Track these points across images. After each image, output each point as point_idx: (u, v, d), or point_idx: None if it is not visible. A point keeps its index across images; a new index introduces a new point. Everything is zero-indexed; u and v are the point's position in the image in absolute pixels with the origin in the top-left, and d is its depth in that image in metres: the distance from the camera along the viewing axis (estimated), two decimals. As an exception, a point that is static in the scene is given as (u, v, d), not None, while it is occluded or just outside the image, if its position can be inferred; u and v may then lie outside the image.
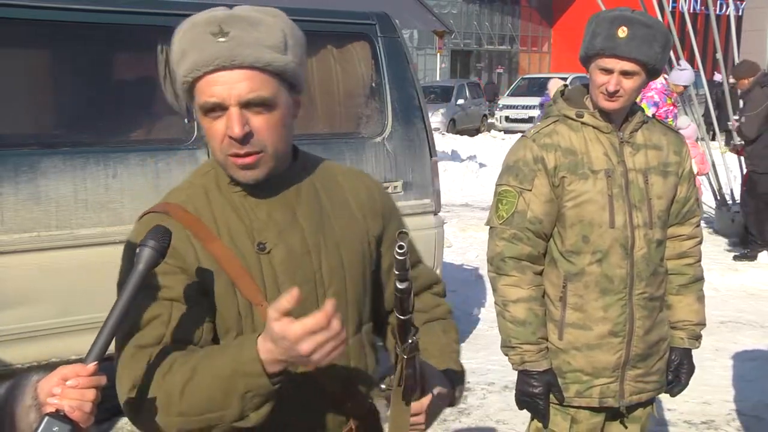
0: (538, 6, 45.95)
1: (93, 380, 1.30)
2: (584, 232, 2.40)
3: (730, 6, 10.06)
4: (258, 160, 1.48)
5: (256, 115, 1.46)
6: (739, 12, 15.57)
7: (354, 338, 1.61)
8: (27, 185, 3.69)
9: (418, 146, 4.98)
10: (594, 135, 2.42)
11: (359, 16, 4.88)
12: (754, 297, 7.14)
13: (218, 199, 1.56)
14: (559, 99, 2.52)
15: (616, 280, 2.41)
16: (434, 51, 34.32)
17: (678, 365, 2.60)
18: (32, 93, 4.13)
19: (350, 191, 1.65)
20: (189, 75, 1.46)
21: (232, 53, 1.42)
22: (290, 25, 1.51)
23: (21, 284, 3.69)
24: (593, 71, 2.37)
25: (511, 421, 4.40)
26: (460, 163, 14.78)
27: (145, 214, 1.61)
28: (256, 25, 1.45)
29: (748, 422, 4.49)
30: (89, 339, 1.42)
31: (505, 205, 2.45)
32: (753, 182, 8.23)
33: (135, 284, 1.36)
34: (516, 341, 2.44)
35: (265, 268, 1.52)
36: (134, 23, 4.07)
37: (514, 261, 2.42)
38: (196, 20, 1.46)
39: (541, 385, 2.45)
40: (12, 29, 3.80)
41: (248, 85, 1.43)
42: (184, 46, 1.46)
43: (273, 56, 1.45)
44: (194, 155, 4.13)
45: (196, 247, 1.50)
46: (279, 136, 1.50)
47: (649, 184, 2.43)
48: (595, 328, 2.44)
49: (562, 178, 2.39)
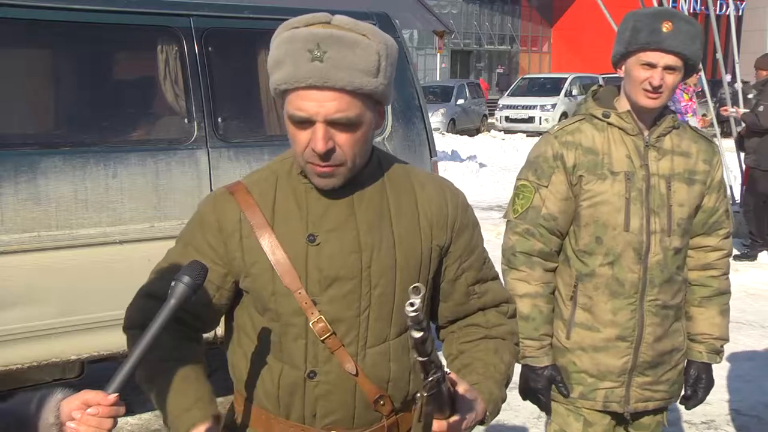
0: (538, 6, 45.95)
1: (112, 410, 1.35)
2: (598, 233, 2.38)
3: (730, 6, 10.05)
4: (336, 171, 1.55)
5: (341, 132, 1.52)
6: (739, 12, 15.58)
7: (396, 341, 1.64)
8: (27, 185, 3.69)
9: (418, 146, 4.98)
10: (619, 136, 2.39)
11: (359, 16, 4.85)
12: (754, 297, 7.14)
13: (285, 186, 1.64)
14: (589, 98, 2.50)
15: (627, 284, 2.38)
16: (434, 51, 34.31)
17: (696, 380, 2.55)
18: (32, 93, 4.13)
19: (421, 199, 1.68)
20: (281, 85, 1.52)
21: (325, 75, 1.47)
22: (385, 44, 1.54)
23: (21, 284, 3.69)
24: (633, 68, 2.32)
25: (511, 421, 4.40)
26: (460, 163, 14.79)
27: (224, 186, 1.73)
28: (352, 47, 1.49)
29: (748, 422, 4.49)
30: (89, 339, 1.43)
31: (521, 199, 2.44)
32: (753, 180, 8.18)
33: (164, 318, 1.40)
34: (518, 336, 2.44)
35: (312, 258, 1.59)
36: (134, 23, 4.07)
37: (524, 256, 2.42)
38: (296, 34, 1.51)
39: (542, 380, 2.45)
40: (12, 29, 3.80)
41: (336, 105, 1.49)
42: (281, 56, 1.51)
43: (364, 80, 1.50)
44: (194, 155, 4.13)
45: (242, 232, 1.62)
46: (360, 151, 1.57)
47: (672, 191, 2.38)
48: (603, 331, 2.41)
49: (580, 177, 2.37)
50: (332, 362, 1.59)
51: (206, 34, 4.17)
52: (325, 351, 1.59)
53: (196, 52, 4.13)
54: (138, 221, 3.91)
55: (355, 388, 1.60)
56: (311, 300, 1.58)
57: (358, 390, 1.61)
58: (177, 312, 1.42)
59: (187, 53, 4.11)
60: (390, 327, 1.62)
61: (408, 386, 1.66)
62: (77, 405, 1.35)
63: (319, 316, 1.58)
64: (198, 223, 1.68)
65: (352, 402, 1.61)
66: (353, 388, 1.60)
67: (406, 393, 1.66)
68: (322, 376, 1.60)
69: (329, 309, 1.58)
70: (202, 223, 1.66)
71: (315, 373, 1.59)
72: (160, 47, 4.09)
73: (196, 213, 1.71)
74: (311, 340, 1.59)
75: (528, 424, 4.38)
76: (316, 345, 1.59)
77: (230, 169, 4.15)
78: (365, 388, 1.61)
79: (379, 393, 1.62)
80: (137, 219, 3.92)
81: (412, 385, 1.66)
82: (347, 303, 1.59)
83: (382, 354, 1.62)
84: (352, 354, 1.59)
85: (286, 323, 1.60)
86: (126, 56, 4.46)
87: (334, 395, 1.60)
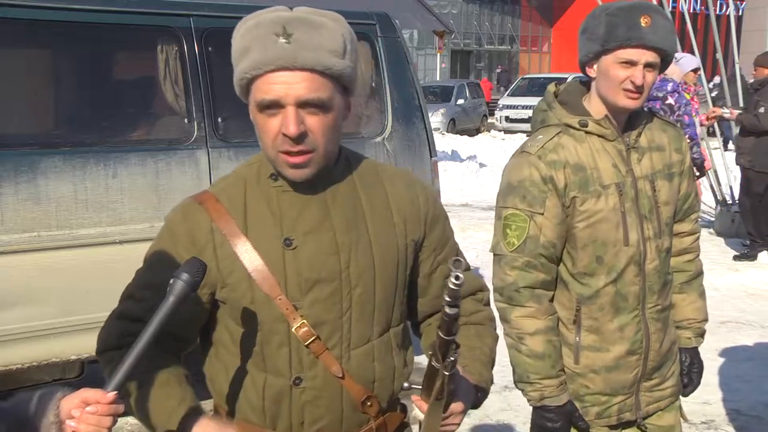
0: (538, 6, 45.94)
1: (111, 408, 1.35)
2: (598, 252, 2.24)
3: (730, 6, 10.05)
4: (309, 159, 1.52)
5: (311, 115, 1.50)
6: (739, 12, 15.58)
7: (379, 340, 1.63)
8: (27, 185, 3.70)
9: (418, 146, 4.98)
10: (600, 145, 2.24)
11: (359, 16, 4.88)
12: (754, 297, 7.14)
13: (255, 191, 1.61)
14: (554, 103, 2.31)
15: (630, 297, 2.28)
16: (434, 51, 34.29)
17: (689, 366, 2.51)
18: (32, 93, 4.13)
19: (392, 194, 1.67)
20: (250, 72, 1.49)
21: (295, 55, 1.46)
22: (349, 29, 1.54)
23: (21, 284, 3.69)
24: (611, 66, 2.16)
25: (511, 421, 4.41)
26: (460, 163, 14.78)
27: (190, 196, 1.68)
28: (318, 28, 1.48)
29: (747, 422, 4.49)
30: (89, 339, 1.44)
31: (515, 230, 2.24)
32: (749, 181, 8.17)
33: (163, 315, 1.39)
34: (536, 377, 2.28)
35: (289, 263, 1.56)
36: (134, 23, 4.08)
37: (529, 290, 2.24)
38: (261, 20, 1.50)
39: (561, 420, 2.30)
40: (12, 29, 3.80)
41: (307, 86, 1.48)
42: (247, 43, 1.50)
43: (333, 60, 1.49)
44: (194, 155, 4.13)
45: (216, 242, 1.57)
46: (331, 137, 1.54)
47: (657, 191, 2.28)
48: (613, 349, 2.30)
49: (573, 198, 2.22)
50: (318, 367, 1.57)
51: (206, 34, 4.17)
52: (310, 356, 1.56)
53: (196, 52, 4.13)
54: (138, 221, 3.91)
55: (342, 391, 1.59)
56: (292, 305, 1.55)
57: (345, 393, 1.59)
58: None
59: (187, 53, 4.12)
60: (372, 327, 1.61)
61: (393, 385, 1.65)
62: (76, 403, 1.35)
63: (302, 321, 1.54)
64: (168, 236, 1.62)
65: (340, 405, 1.59)
66: (340, 392, 1.59)
67: (391, 392, 1.66)
68: (308, 382, 1.57)
69: (311, 313, 1.55)
70: (172, 235, 1.61)
71: (301, 380, 1.57)
72: (160, 47, 4.10)
73: (164, 227, 1.65)
74: (294, 347, 1.56)
75: (528, 424, 4.37)
76: (300, 351, 1.56)
77: (230, 169, 4.07)
78: (352, 391, 1.59)
79: (366, 394, 1.61)
80: (137, 219, 3.92)
81: (396, 384, 1.65)
82: (329, 305, 1.56)
83: (367, 354, 1.61)
84: (336, 357, 1.57)
85: (268, 331, 1.57)
86: (126, 56, 4.46)
87: (321, 400, 1.58)
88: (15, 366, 3.71)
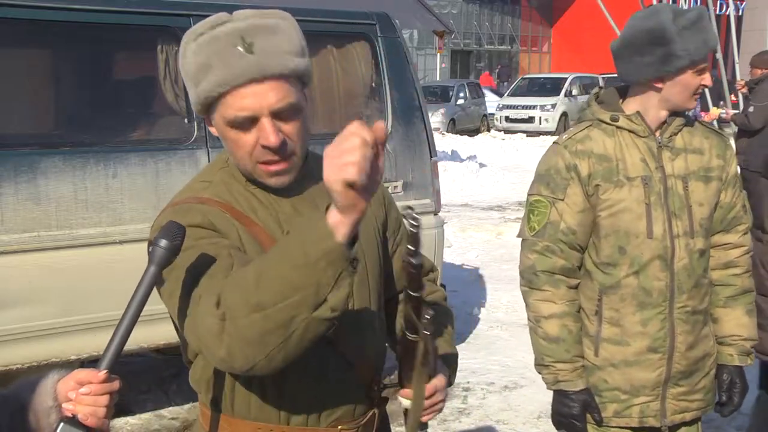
0: (538, 6, 45.94)
1: (105, 387, 1.35)
2: (620, 242, 2.28)
3: (730, 6, 10.07)
4: (290, 165, 1.52)
5: (285, 122, 1.48)
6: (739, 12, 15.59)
7: (377, 323, 1.66)
8: (27, 185, 3.70)
9: (418, 146, 4.99)
10: (630, 139, 2.30)
11: (359, 16, 4.88)
12: (754, 297, 7.13)
13: (242, 192, 1.57)
14: (593, 102, 2.40)
15: (655, 292, 2.29)
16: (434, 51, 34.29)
17: (730, 384, 2.48)
18: (32, 93, 4.13)
19: None
20: (215, 90, 1.45)
21: (261, 66, 1.43)
22: (295, 22, 1.52)
23: (21, 284, 3.69)
24: (689, 77, 2.25)
25: (511, 421, 4.40)
26: (460, 163, 14.79)
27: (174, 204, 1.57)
28: (275, 32, 1.46)
29: (748, 422, 4.48)
30: (89, 338, 1.43)
31: (536, 216, 2.32)
32: (744, 180, 8.17)
33: (147, 286, 1.36)
34: (549, 359, 2.33)
35: None
36: (134, 23, 4.08)
37: (546, 275, 2.31)
38: (216, 33, 1.45)
39: (578, 405, 2.33)
40: (12, 29, 3.81)
41: (277, 94, 1.45)
42: (204, 59, 1.45)
43: (296, 61, 1.47)
44: (194, 155, 4.13)
45: (238, 229, 1.52)
46: (305, 138, 1.54)
47: (689, 191, 2.31)
48: (633, 344, 2.31)
49: (597, 187, 2.28)
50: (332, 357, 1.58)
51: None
52: (328, 347, 1.55)
53: (196, 52, 4.12)
54: (138, 221, 3.91)
55: (354, 378, 1.60)
56: None
57: (356, 379, 1.61)
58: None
59: (187, 53, 4.11)
60: (370, 310, 1.64)
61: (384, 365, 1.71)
62: (72, 385, 1.35)
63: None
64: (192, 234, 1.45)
65: (354, 392, 1.61)
66: (353, 378, 1.60)
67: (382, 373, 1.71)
68: (326, 374, 1.58)
69: None
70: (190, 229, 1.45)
71: (318, 371, 1.57)
72: (160, 47, 4.09)
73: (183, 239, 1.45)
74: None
75: (528, 424, 4.38)
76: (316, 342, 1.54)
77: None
78: (362, 376, 1.62)
79: (373, 378, 1.65)
80: (137, 219, 3.92)
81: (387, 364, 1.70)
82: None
83: (370, 338, 1.64)
84: (347, 344, 1.58)
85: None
86: (126, 56, 4.47)
87: (336, 390, 1.59)
88: (15, 366, 3.71)
